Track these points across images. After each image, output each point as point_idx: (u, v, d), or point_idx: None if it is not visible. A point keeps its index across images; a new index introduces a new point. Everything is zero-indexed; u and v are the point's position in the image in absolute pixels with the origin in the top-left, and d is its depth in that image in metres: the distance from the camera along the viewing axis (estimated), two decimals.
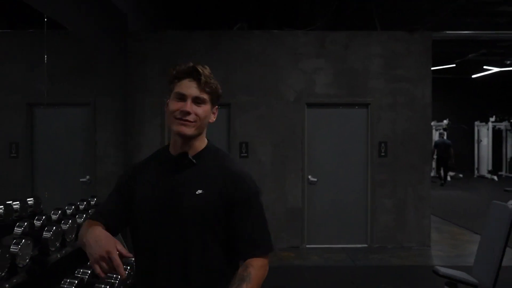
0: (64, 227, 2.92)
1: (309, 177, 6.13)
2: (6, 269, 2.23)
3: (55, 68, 5.89)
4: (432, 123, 15.66)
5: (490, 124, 15.96)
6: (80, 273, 3.00)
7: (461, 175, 15.82)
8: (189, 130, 1.47)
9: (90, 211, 3.46)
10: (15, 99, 6.06)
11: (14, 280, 2.32)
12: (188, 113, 1.45)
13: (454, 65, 13.09)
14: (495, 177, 15.39)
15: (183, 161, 1.51)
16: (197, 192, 1.45)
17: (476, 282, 3.35)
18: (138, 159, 6.04)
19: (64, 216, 3.34)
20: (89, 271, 3.09)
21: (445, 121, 15.83)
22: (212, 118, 1.56)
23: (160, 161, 1.57)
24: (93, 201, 3.94)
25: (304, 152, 6.11)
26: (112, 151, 6.01)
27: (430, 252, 5.92)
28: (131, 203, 1.53)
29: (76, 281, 2.79)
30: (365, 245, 6.14)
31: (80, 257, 3.42)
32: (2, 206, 3.38)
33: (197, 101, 1.48)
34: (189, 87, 1.48)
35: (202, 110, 1.49)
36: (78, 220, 3.14)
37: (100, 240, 1.33)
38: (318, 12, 7.02)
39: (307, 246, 6.08)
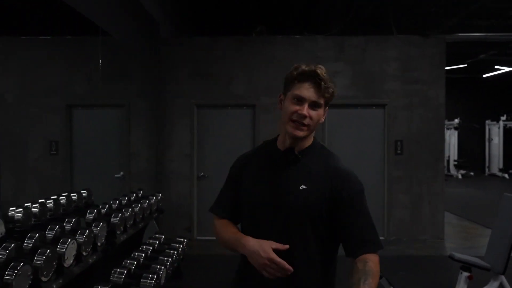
0: (126, 214, 3.35)
1: None
2: (91, 247, 2.66)
3: (93, 72, 6.36)
4: None
5: (501, 123, 16.17)
6: (136, 255, 3.44)
7: (472, 173, 16.07)
8: (302, 133, 1.52)
9: (142, 201, 3.88)
10: (55, 101, 6.54)
11: (94, 257, 2.75)
12: (305, 117, 1.49)
13: (465, 65, 13.35)
14: (506, 175, 15.62)
15: (290, 156, 1.55)
16: (300, 187, 1.49)
17: (488, 266, 3.71)
18: (169, 156, 6.48)
19: (121, 205, 3.77)
20: (143, 255, 3.53)
21: (457, 120, 16.09)
22: (322, 119, 1.59)
23: (268, 154, 1.63)
24: (140, 193, 4.37)
25: None
26: (144, 149, 6.45)
27: (444, 244, 6.27)
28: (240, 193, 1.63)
29: (135, 262, 3.22)
30: (382, 238, 6.46)
31: (135, 241, 3.86)
32: (63, 197, 3.82)
33: (313, 105, 1.51)
34: (309, 91, 1.50)
35: (317, 114, 1.52)
36: (135, 209, 3.57)
37: (257, 250, 1.43)
38: (335, 17, 7.37)
39: None
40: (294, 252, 1.47)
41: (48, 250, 2.08)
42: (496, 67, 13.77)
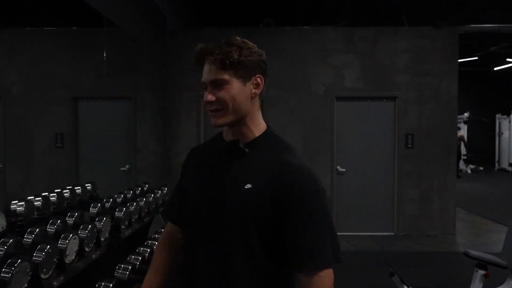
0: (131, 208, 3.27)
1: (338, 167, 6.40)
2: (94, 242, 2.58)
3: (99, 64, 6.27)
4: None
5: (511, 116, 15.96)
6: (141, 250, 3.35)
7: (481, 168, 15.88)
8: (220, 120, 1.28)
9: (147, 195, 3.80)
10: (60, 93, 6.46)
11: (98, 252, 2.67)
12: (210, 102, 1.27)
13: (476, 58, 13.13)
14: None
15: (234, 150, 1.32)
16: (246, 187, 1.24)
17: (505, 264, 3.59)
18: (176, 150, 6.41)
19: (126, 199, 3.70)
20: (149, 250, 3.45)
21: (466, 114, 15.88)
22: (255, 92, 1.31)
23: (214, 147, 1.41)
24: (145, 187, 4.30)
25: (333, 144, 6.38)
26: (151, 142, 6.37)
27: (455, 240, 6.15)
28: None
29: (140, 258, 3.13)
30: (392, 233, 6.39)
31: (141, 236, 3.78)
32: (67, 190, 3.74)
33: (216, 84, 1.27)
34: (205, 72, 1.29)
35: (226, 92, 1.26)
36: (140, 203, 3.49)
37: None
38: (345, 8, 7.23)
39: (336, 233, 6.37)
40: (235, 265, 1.24)
41: (48, 246, 2.00)
42: (508, 59, 13.54)
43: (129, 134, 6.44)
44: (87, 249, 2.48)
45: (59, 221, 2.52)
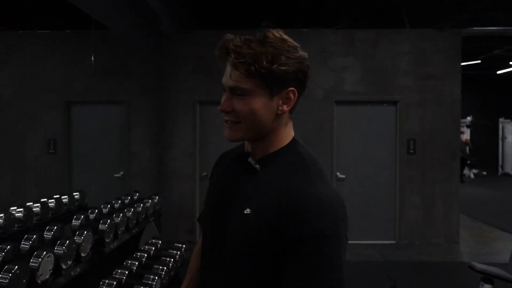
0: (116, 220, 3.09)
1: (338, 174, 6.22)
2: (73, 259, 2.40)
3: (92, 68, 6.11)
4: None
5: None
6: (129, 264, 3.18)
7: (484, 173, 15.67)
8: (234, 136, 1.09)
9: (136, 204, 3.62)
10: (53, 97, 6.31)
11: (78, 269, 2.49)
12: (224, 112, 1.08)
13: (479, 61, 12.95)
14: None
15: (245, 165, 1.13)
16: (245, 212, 1.04)
17: None
18: (171, 155, 6.23)
19: (113, 209, 3.51)
20: (137, 263, 3.26)
21: (469, 118, 15.69)
22: (282, 109, 1.07)
23: (234, 156, 1.23)
24: (135, 196, 4.11)
25: (332, 149, 6.20)
26: (146, 148, 6.19)
27: (459, 249, 5.95)
28: None
29: (127, 272, 2.95)
30: (393, 241, 6.20)
31: (130, 248, 3.60)
32: (53, 200, 3.56)
33: (235, 92, 1.05)
34: (226, 73, 1.06)
35: (245, 105, 1.04)
36: (127, 214, 3.31)
37: None
38: (345, 10, 7.06)
39: None
40: None
41: (17, 267, 1.82)
42: (511, 63, 13.35)
43: (123, 139, 6.27)
44: (64, 267, 2.30)
45: (34, 236, 2.35)
